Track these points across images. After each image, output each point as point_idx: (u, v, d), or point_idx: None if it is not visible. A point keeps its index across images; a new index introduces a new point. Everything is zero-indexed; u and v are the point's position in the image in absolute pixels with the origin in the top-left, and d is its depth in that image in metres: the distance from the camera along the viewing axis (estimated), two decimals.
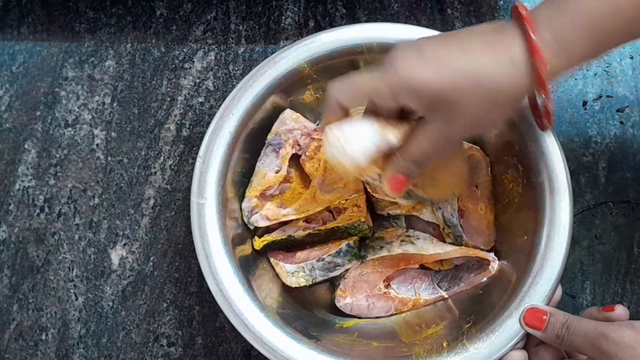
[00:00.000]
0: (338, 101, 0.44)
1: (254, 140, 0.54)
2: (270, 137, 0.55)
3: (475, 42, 0.41)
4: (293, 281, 0.54)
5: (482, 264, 0.53)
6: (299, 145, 0.55)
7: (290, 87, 0.53)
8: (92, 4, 0.64)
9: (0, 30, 0.64)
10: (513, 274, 0.50)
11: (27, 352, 0.58)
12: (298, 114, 0.55)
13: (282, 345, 0.47)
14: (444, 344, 0.48)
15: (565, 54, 0.40)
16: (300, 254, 0.54)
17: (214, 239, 0.49)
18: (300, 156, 0.56)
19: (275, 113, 0.55)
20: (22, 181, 0.61)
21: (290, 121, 0.55)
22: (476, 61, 0.40)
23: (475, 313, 0.49)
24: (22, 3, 0.64)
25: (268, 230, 0.55)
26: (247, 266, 0.52)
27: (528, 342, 0.47)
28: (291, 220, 0.55)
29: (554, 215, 0.48)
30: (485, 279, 0.52)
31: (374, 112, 0.44)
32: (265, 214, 0.54)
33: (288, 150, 0.55)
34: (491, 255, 0.53)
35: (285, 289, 0.54)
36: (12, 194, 0.60)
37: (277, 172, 0.55)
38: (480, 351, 0.46)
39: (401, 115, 0.45)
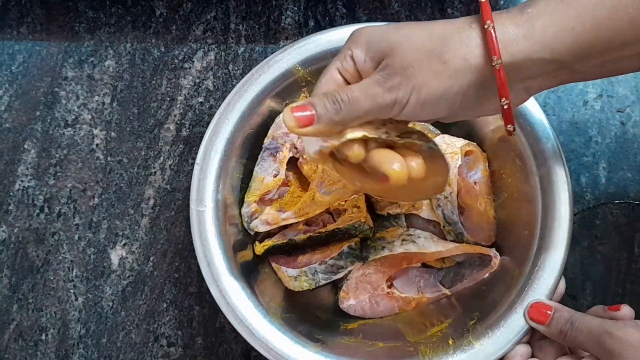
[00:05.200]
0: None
1: (250, 145, 0.54)
2: (266, 141, 0.55)
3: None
4: (296, 285, 0.54)
5: (484, 260, 0.53)
6: (295, 148, 0.55)
7: (284, 90, 0.53)
8: (91, 4, 0.64)
9: None
10: (515, 269, 0.50)
11: (27, 352, 0.58)
12: None
13: (288, 350, 0.47)
14: (450, 342, 0.48)
15: (532, 34, 0.38)
16: (302, 258, 0.54)
17: (215, 246, 0.49)
18: (297, 159, 0.56)
19: (270, 117, 0.55)
20: (22, 181, 0.61)
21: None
22: (436, 23, 0.40)
23: (480, 309, 0.50)
24: (22, 3, 0.64)
25: (269, 234, 0.55)
26: (250, 272, 0.52)
27: (532, 336, 0.47)
28: (291, 224, 0.54)
29: (554, 208, 0.48)
30: (487, 274, 0.53)
31: None
32: (265, 219, 0.54)
33: (285, 154, 0.55)
34: (492, 251, 0.53)
35: (289, 292, 0.54)
36: (11, 194, 0.60)
37: (275, 176, 0.55)
38: (486, 347, 0.46)
39: None
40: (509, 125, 0.42)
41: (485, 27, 0.38)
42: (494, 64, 0.38)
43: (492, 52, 0.37)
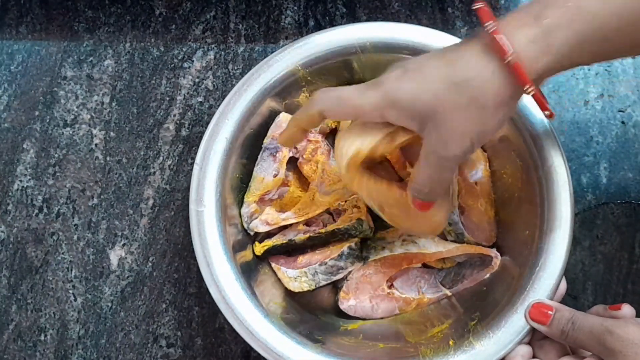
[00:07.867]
0: (321, 112, 0.44)
1: (250, 145, 0.54)
2: (266, 141, 0.55)
3: (457, 52, 0.40)
4: (296, 286, 0.53)
5: (485, 260, 0.53)
6: (295, 148, 0.55)
7: (284, 90, 0.53)
8: (91, 3, 0.64)
9: None
10: (516, 269, 0.50)
11: (26, 353, 0.57)
12: None
13: (288, 351, 0.47)
14: (450, 342, 0.48)
15: (551, 49, 0.38)
16: (302, 259, 0.54)
17: (214, 247, 0.49)
18: (297, 159, 0.56)
19: (270, 117, 0.55)
20: (21, 181, 0.60)
21: (286, 124, 0.54)
22: (454, 68, 0.40)
23: (480, 310, 0.50)
24: (21, 2, 0.64)
25: (268, 235, 0.55)
26: (249, 272, 0.51)
27: (533, 336, 0.47)
28: (291, 224, 0.54)
29: (555, 208, 0.48)
30: (488, 275, 0.53)
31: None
32: (264, 219, 0.54)
33: (285, 154, 0.55)
34: (493, 251, 0.53)
35: (288, 293, 0.54)
36: (10, 194, 0.60)
37: (275, 176, 0.54)
38: (487, 348, 0.46)
39: None
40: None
41: (508, 60, 0.38)
42: (525, 89, 0.39)
43: (521, 82, 0.38)
